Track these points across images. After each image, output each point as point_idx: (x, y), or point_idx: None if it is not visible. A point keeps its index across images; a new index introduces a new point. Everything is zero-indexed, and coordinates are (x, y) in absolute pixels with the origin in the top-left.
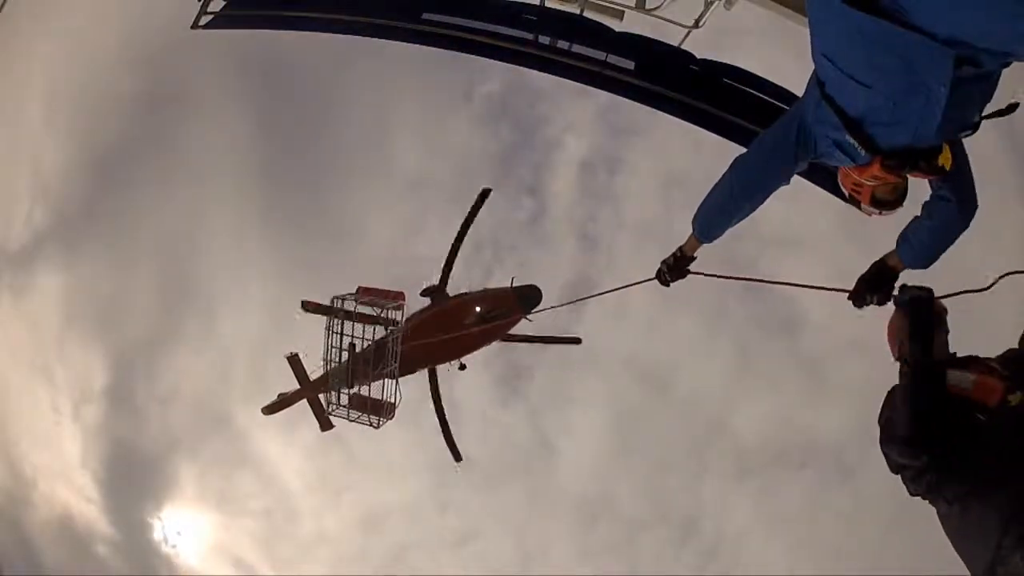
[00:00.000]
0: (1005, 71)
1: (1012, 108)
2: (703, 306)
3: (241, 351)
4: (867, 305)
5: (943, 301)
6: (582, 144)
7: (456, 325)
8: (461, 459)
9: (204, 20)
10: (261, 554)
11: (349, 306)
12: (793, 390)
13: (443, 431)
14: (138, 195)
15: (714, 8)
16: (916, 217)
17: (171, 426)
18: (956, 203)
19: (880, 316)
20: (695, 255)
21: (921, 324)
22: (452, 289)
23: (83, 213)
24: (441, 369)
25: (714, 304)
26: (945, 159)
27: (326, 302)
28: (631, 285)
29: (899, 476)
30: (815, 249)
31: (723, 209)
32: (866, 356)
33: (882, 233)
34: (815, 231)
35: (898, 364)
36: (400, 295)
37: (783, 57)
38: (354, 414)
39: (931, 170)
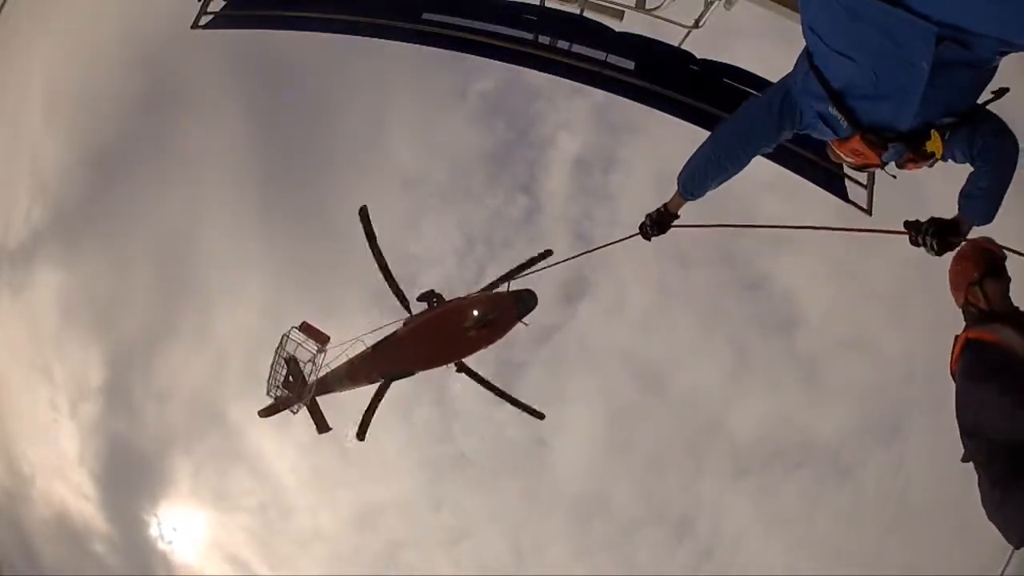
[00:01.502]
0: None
1: (1001, 93)
2: (700, 304)
3: (237, 349)
4: (922, 245)
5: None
6: (577, 142)
7: (453, 328)
8: (544, 416)
9: (204, 20)
10: (256, 551)
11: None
12: (791, 389)
13: (512, 403)
14: (136, 194)
15: (714, 8)
16: (971, 174)
17: (167, 423)
18: (1000, 142)
19: (877, 316)
20: (679, 213)
21: None
22: (449, 293)
23: (82, 212)
24: (439, 371)
25: (711, 302)
26: (935, 146)
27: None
28: (615, 242)
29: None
30: (812, 247)
31: (706, 170)
32: (864, 356)
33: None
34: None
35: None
36: (326, 339)
37: (783, 57)
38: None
39: (921, 157)
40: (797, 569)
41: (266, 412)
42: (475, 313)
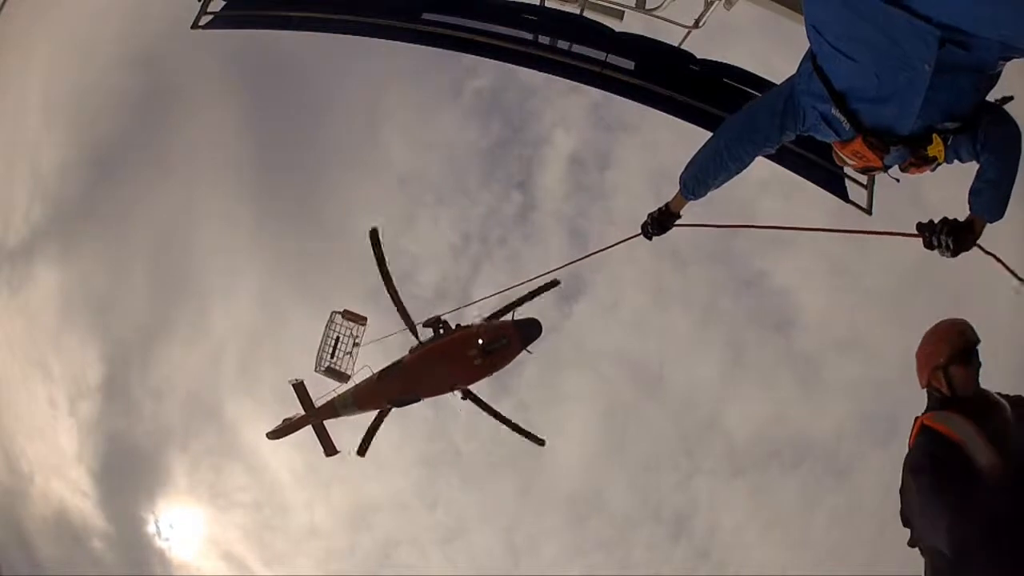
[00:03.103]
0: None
1: (1005, 101)
2: (696, 303)
3: (233, 345)
4: (937, 247)
5: (975, 331)
6: (572, 139)
7: (459, 356)
8: (544, 443)
9: (204, 20)
10: (252, 548)
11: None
12: (788, 388)
13: (514, 429)
14: (135, 193)
15: (714, 8)
16: (978, 169)
17: (164, 420)
18: (1003, 131)
19: (874, 315)
20: (680, 213)
21: None
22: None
23: (80, 209)
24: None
25: (707, 301)
26: (936, 150)
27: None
28: (618, 244)
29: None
30: (810, 247)
31: (708, 169)
32: (860, 355)
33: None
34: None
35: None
36: (364, 319)
37: (783, 57)
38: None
39: (922, 160)
40: (794, 569)
41: (274, 434)
42: (480, 342)
